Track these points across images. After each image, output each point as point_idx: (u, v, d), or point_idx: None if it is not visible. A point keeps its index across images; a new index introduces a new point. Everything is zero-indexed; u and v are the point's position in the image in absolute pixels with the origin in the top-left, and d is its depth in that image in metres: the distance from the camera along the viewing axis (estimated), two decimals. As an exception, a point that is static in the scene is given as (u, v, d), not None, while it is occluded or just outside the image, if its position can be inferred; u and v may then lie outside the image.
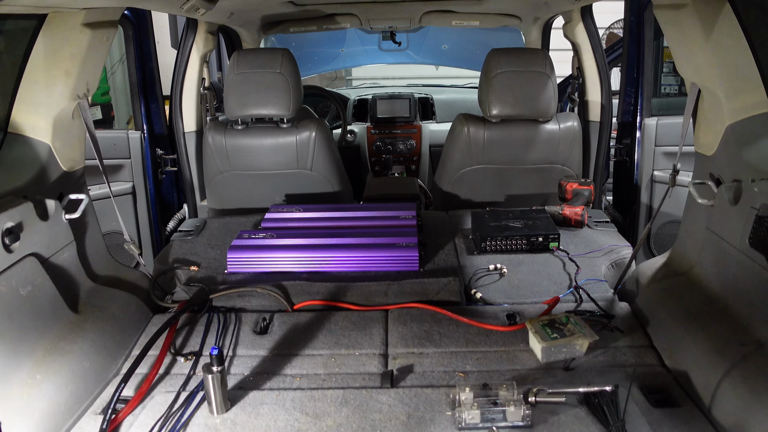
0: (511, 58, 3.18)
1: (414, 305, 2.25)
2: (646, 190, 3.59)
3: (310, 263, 2.52)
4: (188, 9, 2.66)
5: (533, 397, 1.68)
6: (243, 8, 3.55)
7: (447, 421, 1.67)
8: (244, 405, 1.76)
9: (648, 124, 3.52)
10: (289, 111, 3.18)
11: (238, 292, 2.35)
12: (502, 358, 1.98)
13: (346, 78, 8.72)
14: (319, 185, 3.38)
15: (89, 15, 2.06)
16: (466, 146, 3.29)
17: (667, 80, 4.90)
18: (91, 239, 2.31)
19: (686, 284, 2.10)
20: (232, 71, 3.19)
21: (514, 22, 4.26)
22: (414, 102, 5.01)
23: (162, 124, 3.70)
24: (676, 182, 2.27)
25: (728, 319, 1.81)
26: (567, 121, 3.29)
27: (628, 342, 2.04)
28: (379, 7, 3.92)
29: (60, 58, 2.07)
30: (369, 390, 1.81)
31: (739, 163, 1.88)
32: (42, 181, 2.09)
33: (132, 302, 2.26)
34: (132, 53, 3.54)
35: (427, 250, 2.66)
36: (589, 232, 2.86)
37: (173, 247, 2.79)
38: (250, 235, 2.67)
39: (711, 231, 2.01)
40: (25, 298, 1.80)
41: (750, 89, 1.88)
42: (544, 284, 2.42)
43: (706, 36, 1.90)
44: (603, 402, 1.66)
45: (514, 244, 2.64)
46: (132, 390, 1.85)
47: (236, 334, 2.14)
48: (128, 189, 3.65)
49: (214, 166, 3.34)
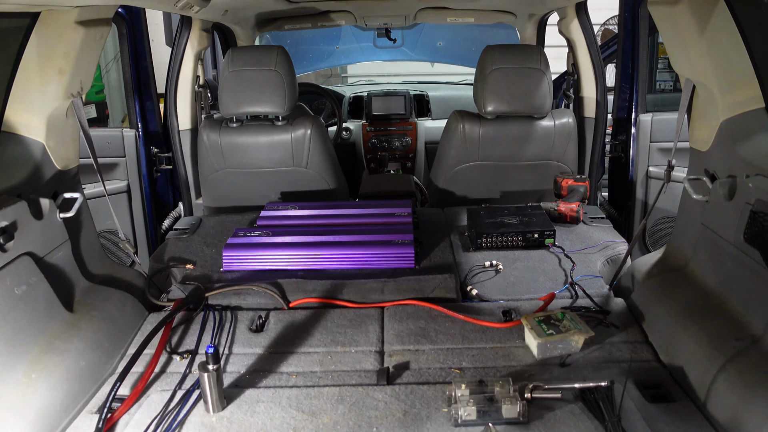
0: (506, 55, 3.18)
1: (410, 302, 2.25)
2: (642, 186, 3.60)
3: (305, 261, 2.52)
4: (182, 6, 2.64)
5: (529, 393, 1.68)
6: (237, 6, 3.54)
7: (443, 418, 1.67)
8: (240, 403, 1.76)
9: (643, 120, 3.52)
10: (284, 108, 3.18)
11: (233, 290, 2.35)
12: (498, 354, 1.98)
13: (341, 75, 8.70)
14: (315, 183, 3.37)
15: (83, 13, 2.05)
16: (461, 143, 3.29)
17: (662, 76, 4.92)
18: (86, 238, 2.31)
19: (681, 280, 2.10)
20: (226, 69, 3.18)
21: (509, 18, 4.26)
22: (409, 99, 5.00)
23: (157, 122, 3.69)
24: (671, 178, 2.27)
25: (723, 314, 1.82)
26: (562, 118, 3.29)
27: (624, 338, 2.04)
28: (374, 4, 3.91)
29: (53, 56, 2.05)
30: (365, 387, 1.81)
31: (734, 159, 1.89)
32: (36, 180, 2.08)
33: (127, 301, 2.25)
34: (126, 51, 3.53)
35: (422, 247, 2.67)
36: (585, 229, 2.87)
37: (168, 245, 2.79)
38: (246, 233, 2.66)
39: (706, 226, 2.02)
40: (19, 298, 1.79)
41: (744, 85, 1.89)
42: (539, 280, 2.43)
43: (700, 32, 1.90)
44: (599, 397, 1.66)
45: (509, 241, 2.64)
46: (128, 389, 1.85)
47: (232, 332, 2.14)
48: (123, 187, 3.64)
49: (209, 164, 3.34)
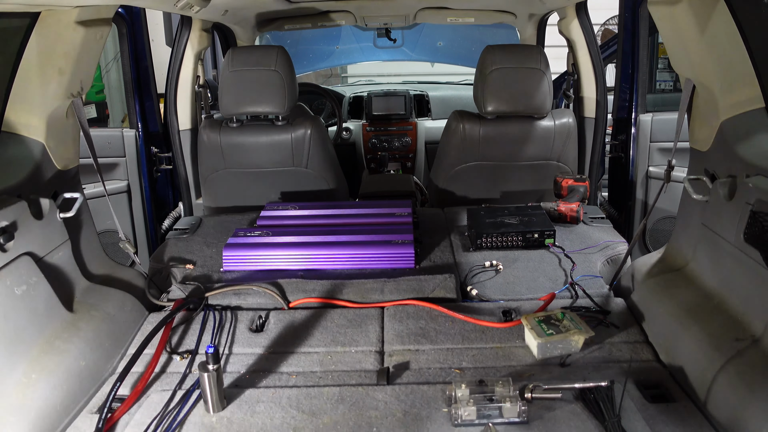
0: (506, 55, 3.19)
1: (410, 302, 2.25)
2: (642, 186, 3.60)
3: (305, 261, 2.52)
4: (182, 6, 2.64)
5: (529, 393, 1.68)
6: (237, 6, 3.54)
7: (443, 418, 1.67)
8: (240, 403, 1.76)
9: (643, 120, 3.52)
10: (284, 108, 3.18)
11: (233, 290, 2.35)
12: (498, 354, 1.98)
13: (341, 75, 8.70)
14: (315, 183, 3.37)
15: (83, 13, 2.05)
16: (461, 143, 3.29)
17: (662, 76, 4.92)
18: (86, 238, 2.31)
19: (681, 280, 2.10)
20: (226, 69, 3.18)
21: (510, 18, 4.26)
22: (409, 99, 5.00)
23: (157, 122, 3.69)
24: (671, 178, 2.27)
25: (723, 314, 1.82)
26: (562, 118, 3.29)
27: (624, 338, 2.04)
28: (374, 4, 3.91)
29: (54, 56, 2.06)
30: (365, 387, 1.81)
31: (734, 159, 1.89)
32: (36, 180, 2.08)
33: (127, 301, 2.25)
34: (126, 51, 3.53)
35: (422, 247, 2.67)
36: (585, 229, 2.87)
37: (168, 245, 2.79)
38: (246, 233, 2.67)
39: (706, 226, 2.02)
40: (20, 298, 1.79)
41: (744, 85, 1.89)
42: (539, 280, 2.43)
43: (700, 32, 1.90)
44: (599, 397, 1.66)
45: (509, 241, 2.64)
46: (128, 389, 1.85)
47: (232, 332, 2.14)
48: (123, 187, 3.64)
49: (209, 164, 3.34)
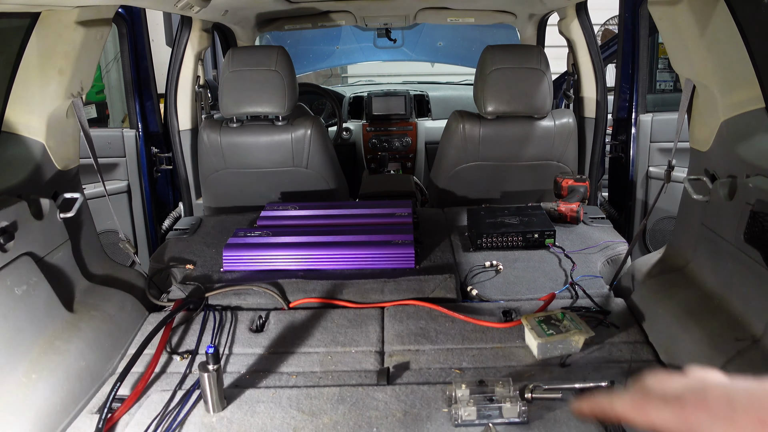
0: (506, 55, 3.19)
1: (410, 302, 2.25)
2: (642, 186, 3.60)
3: (306, 261, 2.52)
4: (183, 7, 2.64)
5: (529, 394, 1.67)
6: (237, 6, 3.54)
7: (443, 418, 1.67)
8: (240, 403, 1.76)
9: (643, 120, 3.52)
10: (285, 109, 3.18)
11: (233, 290, 2.35)
12: (498, 354, 1.98)
13: (341, 75, 8.70)
14: (315, 183, 3.37)
15: (83, 13, 2.05)
16: (461, 143, 3.29)
17: (662, 76, 4.91)
18: (86, 238, 2.31)
19: (682, 280, 2.10)
20: (226, 69, 3.18)
21: (510, 18, 4.26)
22: (409, 99, 5.00)
23: (157, 122, 3.69)
24: (671, 178, 2.27)
25: (723, 314, 1.82)
26: (562, 118, 3.29)
27: (624, 338, 2.04)
28: (374, 5, 3.91)
29: (54, 56, 2.05)
30: (365, 387, 1.81)
31: (734, 159, 1.88)
32: (36, 180, 2.08)
33: (127, 301, 2.25)
34: (126, 51, 3.53)
35: (423, 248, 2.67)
36: (585, 229, 2.87)
37: (169, 245, 2.79)
38: (246, 233, 2.66)
39: (706, 227, 2.01)
40: (19, 298, 1.79)
41: (744, 85, 1.89)
42: (539, 281, 2.42)
43: (700, 32, 1.90)
44: (599, 398, 1.66)
45: (509, 241, 2.64)
46: (128, 389, 1.85)
47: (232, 332, 2.14)
48: (123, 187, 3.64)
49: (209, 164, 3.34)
